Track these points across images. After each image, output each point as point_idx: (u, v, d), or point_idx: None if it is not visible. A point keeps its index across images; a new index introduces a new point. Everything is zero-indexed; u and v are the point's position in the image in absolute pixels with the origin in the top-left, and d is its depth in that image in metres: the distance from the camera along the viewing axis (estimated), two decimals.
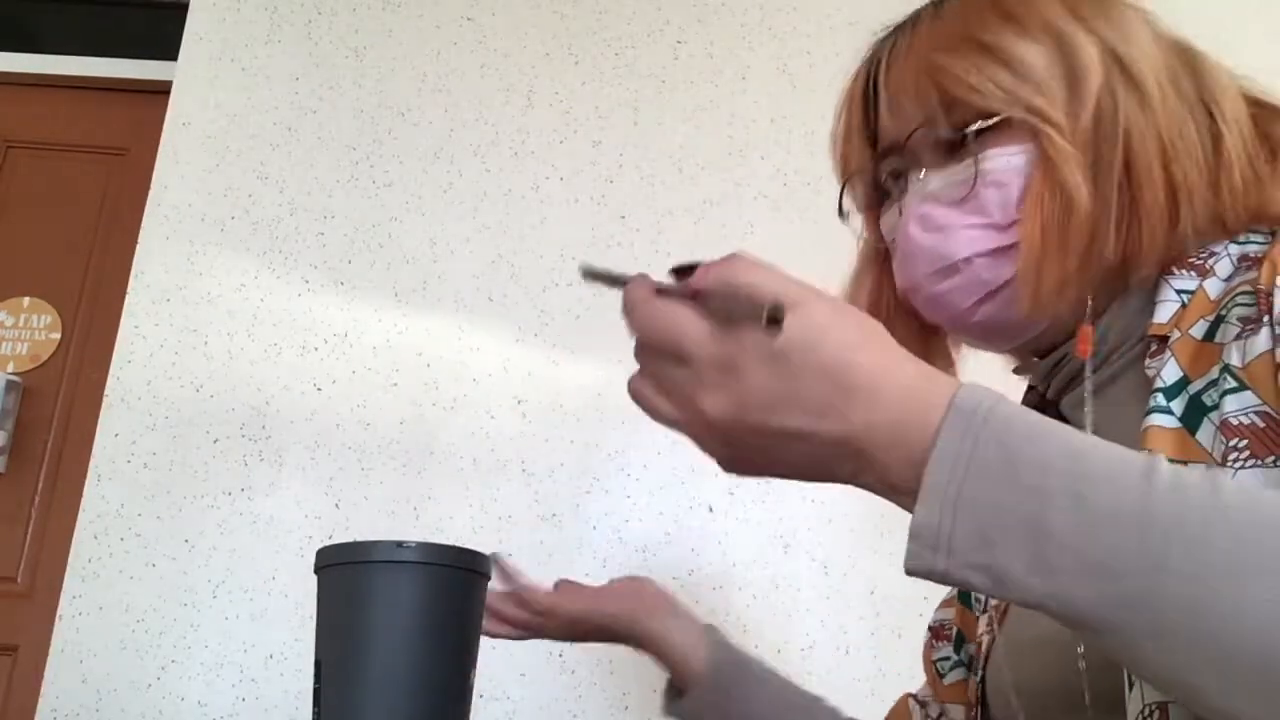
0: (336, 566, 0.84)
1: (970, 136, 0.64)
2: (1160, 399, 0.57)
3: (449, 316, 1.75)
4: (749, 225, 1.79)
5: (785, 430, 0.47)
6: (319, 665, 0.83)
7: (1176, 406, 0.57)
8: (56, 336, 1.95)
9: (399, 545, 0.82)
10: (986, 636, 0.73)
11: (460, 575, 0.85)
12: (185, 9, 1.93)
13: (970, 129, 0.64)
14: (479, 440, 1.68)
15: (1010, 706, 0.68)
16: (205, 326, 1.73)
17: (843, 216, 0.75)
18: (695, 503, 1.64)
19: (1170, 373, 0.58)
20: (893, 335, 0.75)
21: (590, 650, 1.56)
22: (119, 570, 1.60)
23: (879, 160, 0.71)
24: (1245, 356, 0.54)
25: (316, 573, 0.86)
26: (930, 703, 0.84)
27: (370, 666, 0.79)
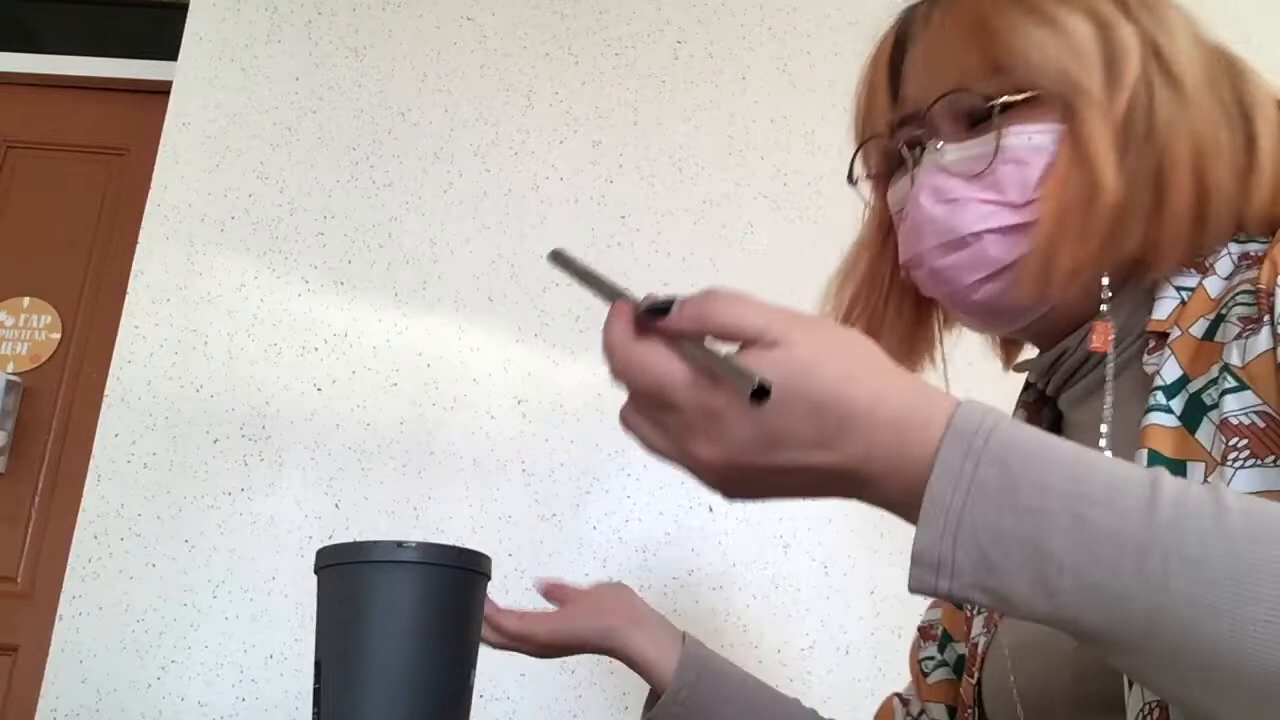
0: (336, 566, 0.84)
1: (996, 109, 0.63)
2: (1160, 397, 0.57)
3: (449, 316, 1.75)
4: (749, 225, 1.79)
5: (780, 467, 0.46)
6: (319, 665, 0.83)
7: (1176, 405, 0.57)
8: (56, 336, 1.95)
9: (399, 545, 0.82)
10: (983, 638, 0.73)
11: (460, 575, 0.85)
12: (185, 9, 1.93)
13: (997, 101, 0.62)
14: (479, 440, 1.68)
15: (1008, 707, 0.68)
16: (205, 326, 1.73)
17: (852, 182, 0.74)
18: (695, 503, 1.64)
19: (1170, 371, 0.58)
20: (880, 321, 0.74)
21: None
22: (119, 570, 1.60)
23: (897, 127, 0.69)
24: (1245, 356, 0.54)
25: (316, 573, 0.86)
26: (912, 700, 0.84)
27: (370, 666, 0.79)
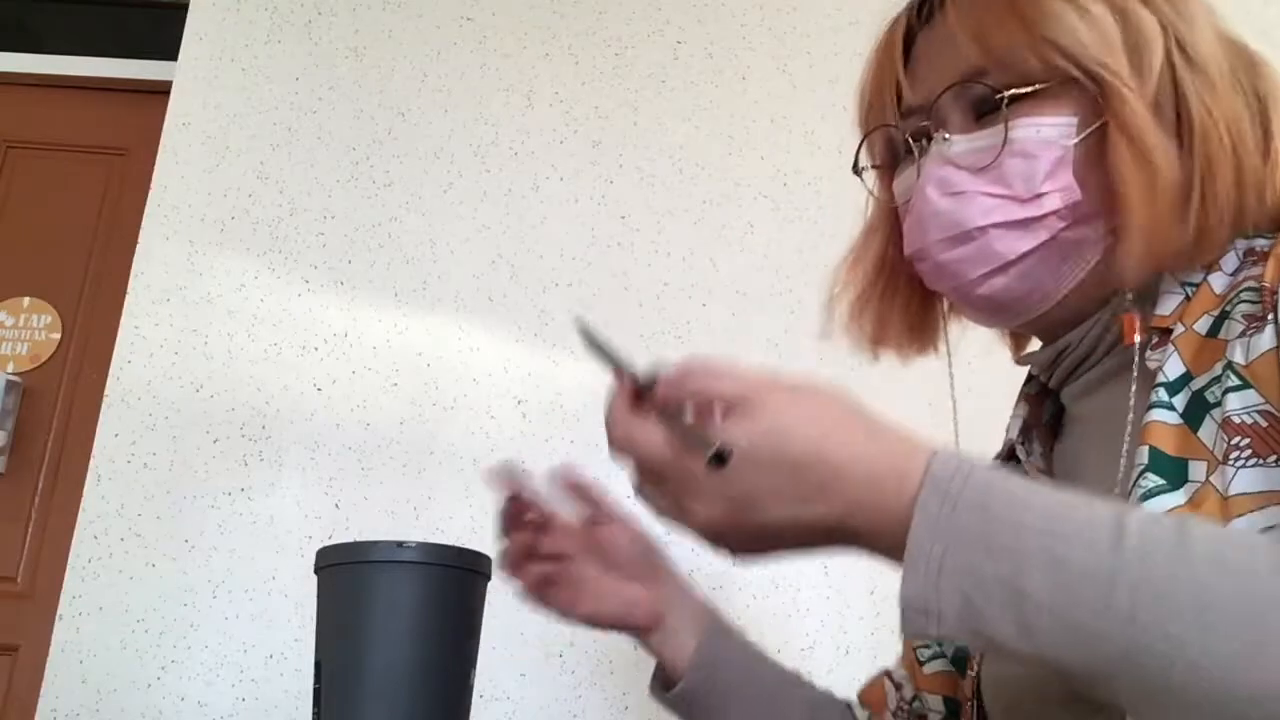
0: (337, 566, 0.84)
1: (1005, 101, 0.62)
2: (1162, 394, 0.57)
3: (449, 316, 1.75)
4: (749, 225, 1.79)
5: (774, 523, 0.49)
6: (319, 665, 0.83)
7: (1179, 402, 0.56)
8: (56, 336, 1.95)
9: (399, 545, 0.82)
10: None
11: (460, 575, 0.85)
12: (185, 9, 1.93)
13: (1006, 93, 0.62)
14: (479, 440, 1.68)
15: (1007, 700, 0.68)
16: (205, 326, 1.73)
17: (857, 172, 0.73)
18: None
19: (1173, 368, 0.57)
20: (890, 305, 0.74)
21: (590, 650, 1.56)
22: (119, 570, 1.60)
23: (905, 117, 0.68)
24: (1249, 355, 0.54)
25: (317, 573, 0.86)
26: (905, 685, 0.83)
27: (370, 666, 0.79)
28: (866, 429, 0.49)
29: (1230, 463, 0.52)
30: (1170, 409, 0.56)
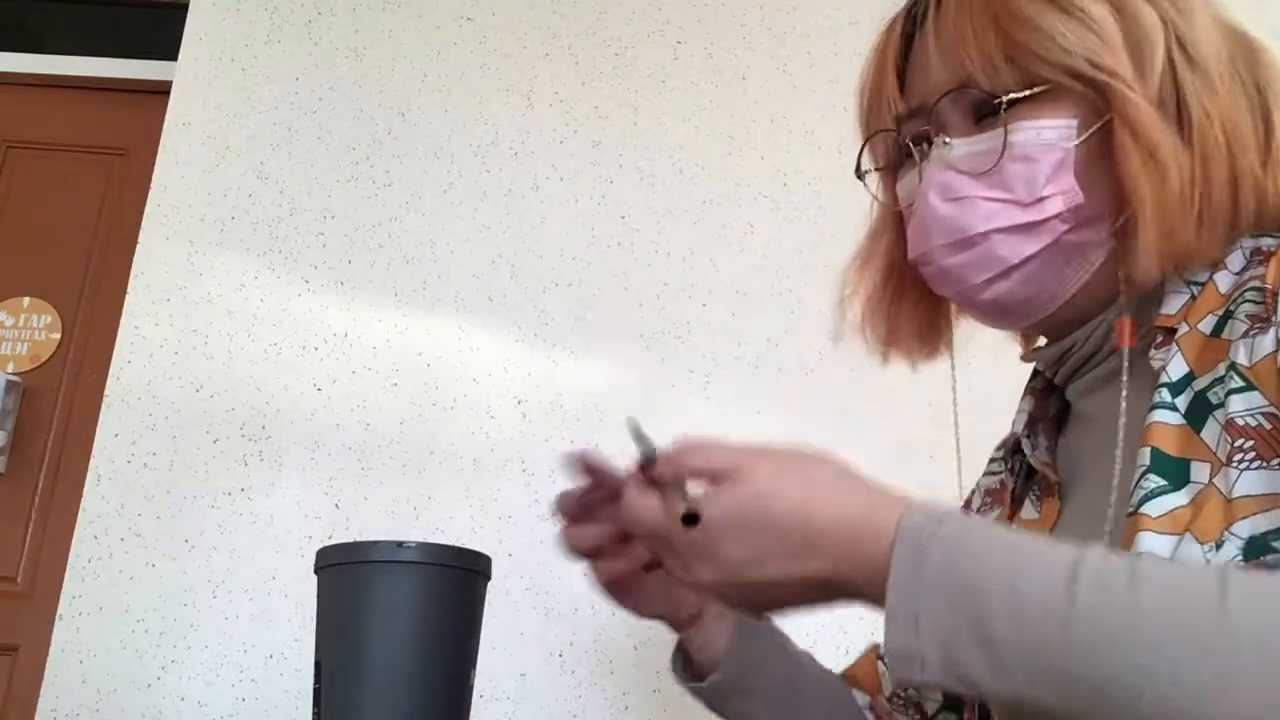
0: (337, 566, 0.84)
1: (1003, 105, 0.61)
2: (1165, 394, 0.57)
3: (449, 316, 1.74)
4: (749, 225, 1.79)
5: (770, 581, 0.52)
6: (319, 665, 0.83)
7: (1181, 403, 0.56)
8: (56, 336, 1.95)
9: (399, 545, 0.82)
10: None
11: (460, 575, 0.85)
12: (185, 9, 1.93)
13: (1004, 99, 0.61)
14: (479, 440, 1.68)
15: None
16: (205, 326, 1.73)
17: (859, 175, 0.72)
18: None
19: (1176, 368, 0.57)
20: (898, 308, 0.74)
21: (590, 650, 1.56)
22: (119, 570, 1.60)
23: (904, 120, 0.68)
24: (1253, 356, 0.53)
25: (317, 573, 0.86)
26: None
27: (370, 666, 0.79)
28: (847, 488, 0.52)
29: (1233, 465, 0.52)
30: (1173, 410, 0.56)
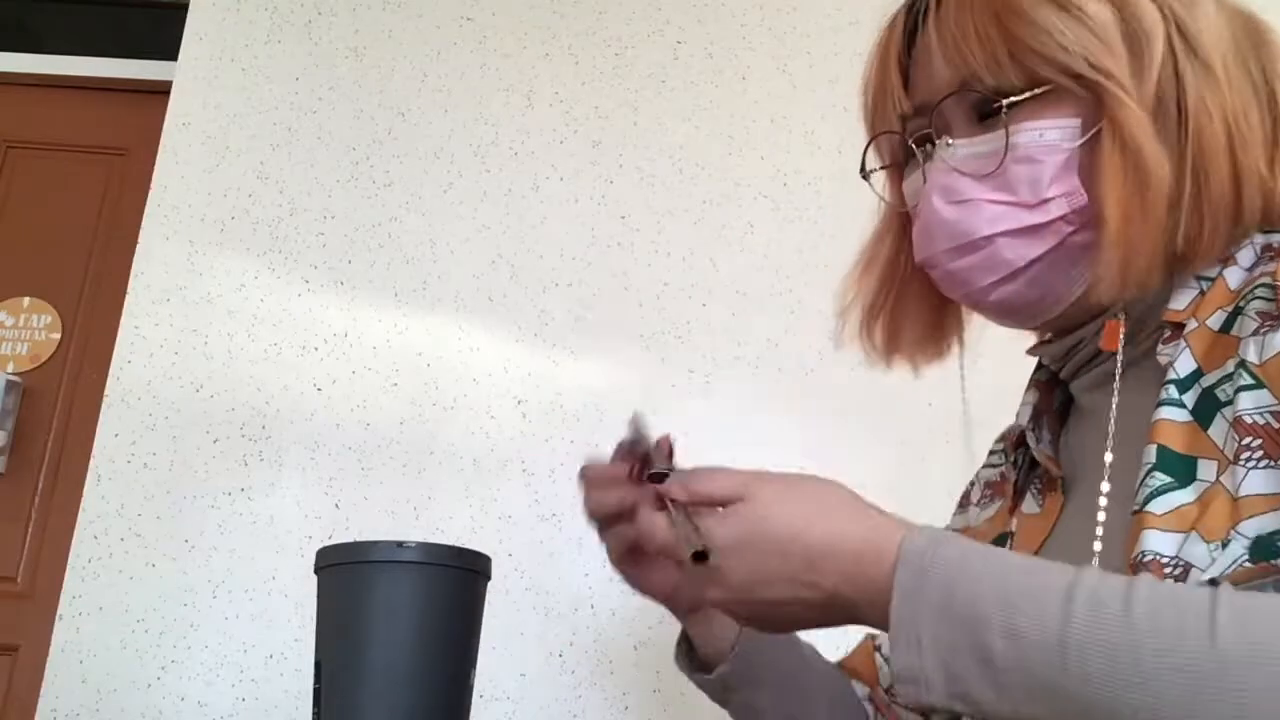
0: (337, 566, 0.84)
1: (1004, 108, 0.60)
2: (1172, 391, 0.56)
3: (449, 316, 1.74)
4: (749, 225, 1.79)
5: (775, 600, 0.55)
6: (319, 665, 0.83)
7: (1189, 399, 0.56)
8: (56, 336, 1.95)
9: (399, 545, 0.82)
10: None
11: (460, 575, 0.85)
12: (185, 9, 1.93)
13: (1004, 102, 0.60)
14: (479, 440, 1.68)
15: None
16: (205, 326, 1.73)
17: (864, 175, 0.72)
18: None
19: (1184, 364, 0.57)
20: (908, 303, 0.73)
21: (590, 650, 1.56)
22: (119, 570, 1.60)
23: (909, 119, 0.67)
24: (1263, 354, 0.53)
25: (317, 573, 0.86)
26: None
27: (370, 666, 0.79)
28: (850, 513, 0.54)
29: (1241, 463, 0.51)
30: (1180, 406, 0.56)
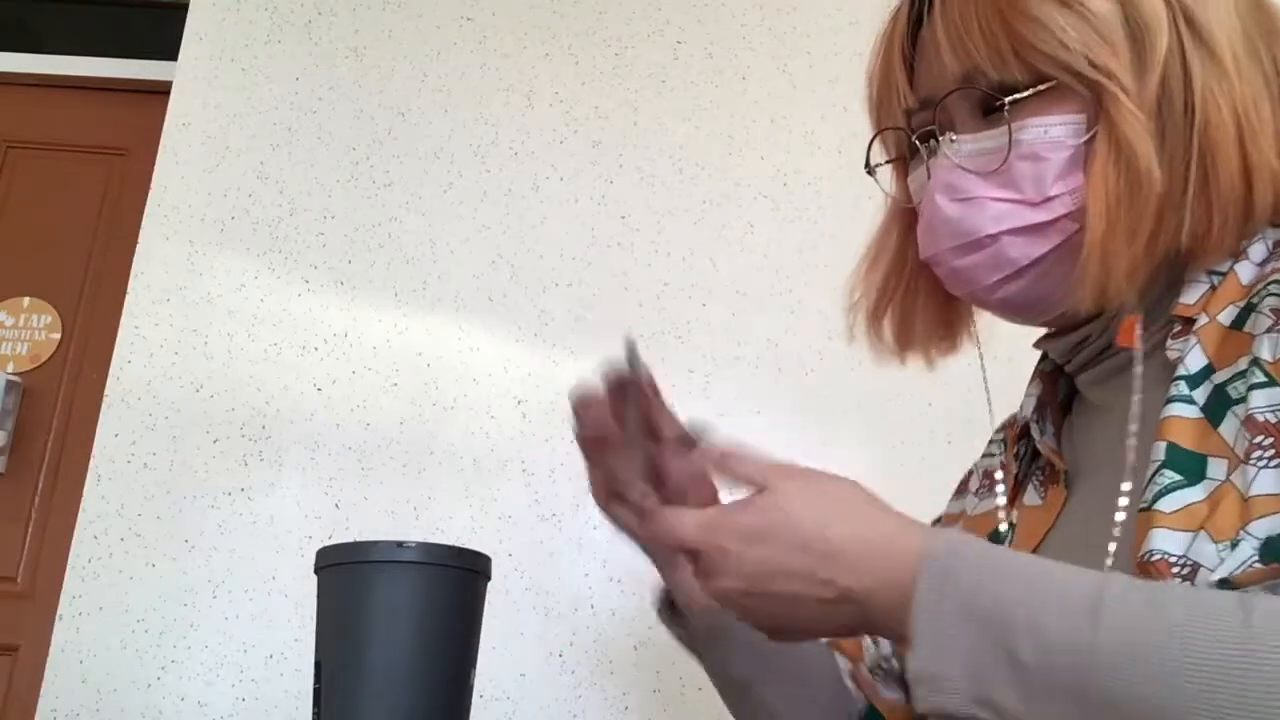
0: (337, 566, 0.84)
1: (1006, 106, 0.60)
2: (1183, 387, 0.55)
3: (449, 316, 1.74)
4: (749, 225, 1.79)
5: (789, 594, 0.53)
6: (319, 665, 0.83)
7: (1199, 396, 0.55)
8: (56, 336, 1.95)
9: (399, 545, 0.82)
10: None
11: (460, 575, 0.85)
12: (185, 9, 1.93)
13: (1006, 100, 0.60)
14: (479, 440, 1.68)
15: None
16: (205, 326, 1.73)
17: (870, 171, 0.71)
18: None
19: (1194, 360, 0.56)
20: (917, 297, 0.73)
21: (590, 650, 1.56)
22: (119, 570, 1.60)
23: (914, 113, 0.67)
24: (1276, 352, 0.52)
25: (317, 573, 0.86)
26: (884, 641, 0.79)
27: (370, 666, 0.79)
28: (870, 511, 0.53)
29: (1252, 462, 0.50)
30: (1190, 403, 0.55)
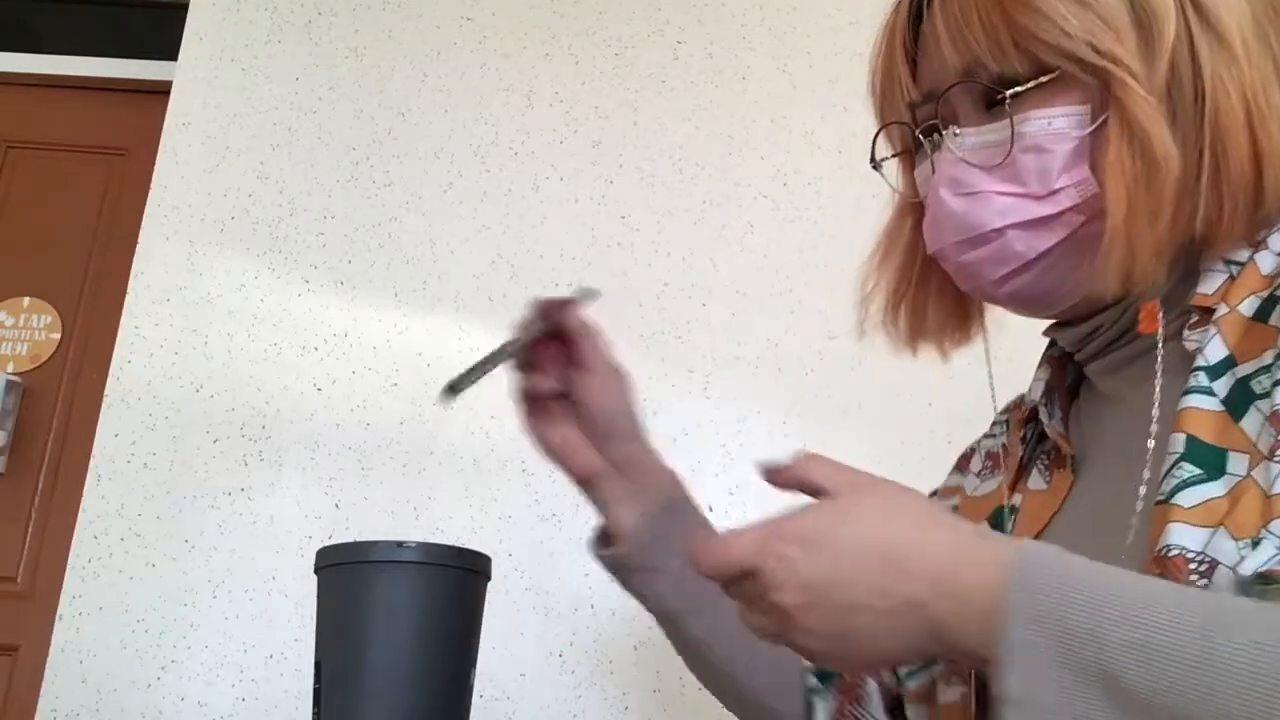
0: (337, 567, 0.84)
1: (1007, 99, 0.59)
2: (1202, 378, 0.54)
3: (449, 316, 1.74)
4: (749, 225, 1.79)
5: (855, 604, 0.50)
6: (319, 665, 0.83)
7: (1220, 388, 0.53)
8: (56, 336, 1.95)
9: (399, 545, 0.82)
10: None
11: (460, 575, 0.85)
12: (185, 9, 1.93)
13: (1008, 93, 0.59)
14: (479, 440, 1.68)
15: None
16: (205, 326, 1.73)
17: (875, 165, 0.70)
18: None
19: (1215, 351, 0.55)
20: (930, 289, 0.72)
21: (590, 650, 1.56)
22: (119, 570, 1.60)
23: (917, 106, 0.66)
24: None
25: (317, 573, 0.86)
26: None
27: (370, 666, 0.79)
28: (942, 521, 0.51)
29: (1277, 459, 0.49)
30: (1210, 394, 0.53)
